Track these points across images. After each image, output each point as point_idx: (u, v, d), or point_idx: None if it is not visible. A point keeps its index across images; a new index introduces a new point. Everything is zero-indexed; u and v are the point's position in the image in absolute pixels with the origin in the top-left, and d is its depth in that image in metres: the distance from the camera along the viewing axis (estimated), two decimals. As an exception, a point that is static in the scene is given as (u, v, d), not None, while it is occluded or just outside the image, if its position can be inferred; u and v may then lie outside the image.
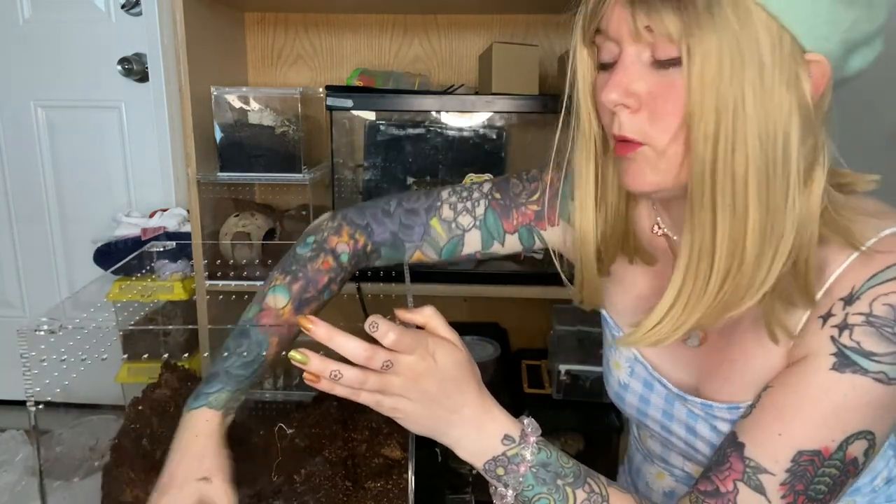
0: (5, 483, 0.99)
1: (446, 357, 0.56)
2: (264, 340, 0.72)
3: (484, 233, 0.78)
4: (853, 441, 0.54)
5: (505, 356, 1.63)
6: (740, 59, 0.49)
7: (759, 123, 0.50)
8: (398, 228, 0.79)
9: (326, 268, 0.77)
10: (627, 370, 0.72)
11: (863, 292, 0.53)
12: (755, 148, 0.51)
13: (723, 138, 0.51)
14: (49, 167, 1.96)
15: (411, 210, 0.79)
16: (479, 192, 0.79)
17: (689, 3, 0.49)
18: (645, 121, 0.55)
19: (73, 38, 1.85)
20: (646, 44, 0.53)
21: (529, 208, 0.77)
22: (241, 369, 0.71)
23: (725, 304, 0.56)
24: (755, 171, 0.51)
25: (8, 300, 2.10)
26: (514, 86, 1.42)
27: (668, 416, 0.69)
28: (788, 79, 0.50)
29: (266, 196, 1.81)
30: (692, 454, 0.68)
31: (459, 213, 0.78)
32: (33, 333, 0.65)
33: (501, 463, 0.57)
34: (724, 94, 0.50)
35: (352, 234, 0.79)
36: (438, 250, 0.79)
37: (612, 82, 0.55)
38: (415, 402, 0.55)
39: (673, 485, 0.75)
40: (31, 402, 0.66)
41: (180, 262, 1.58)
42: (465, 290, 1.51)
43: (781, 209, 0.52)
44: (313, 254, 0.77)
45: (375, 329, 0.53)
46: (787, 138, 0.51)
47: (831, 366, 0.54)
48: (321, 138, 1.63)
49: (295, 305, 0.74)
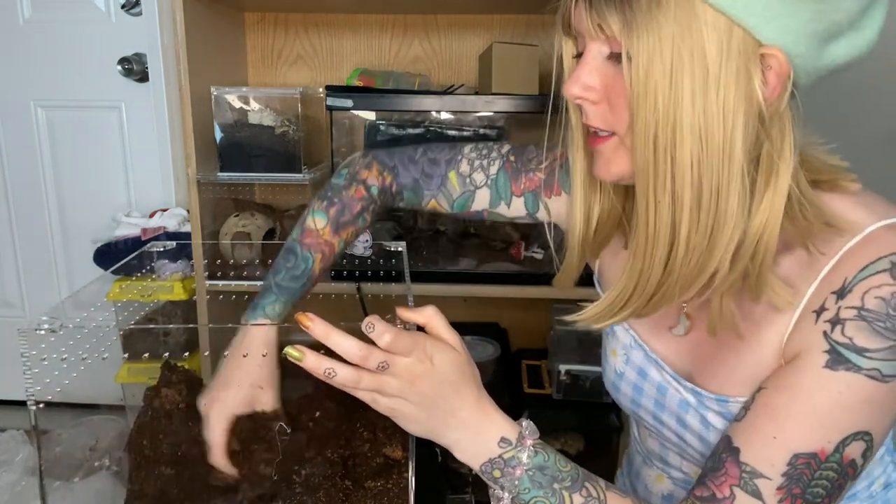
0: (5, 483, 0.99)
1: (444, 360, 0.56)
2: (309, 256, 0.80)
3: (493, 192, 0.81)
4: (850, 442, 0.53)
5: (505, 356, 1.63)
6: (680, 58, 0.50)
7: (698, 121, 0.51)
8: (420, 175, 0.83)
9: (359, 196, 0.83)
10: (623, 358, 0.73)
11: (854, 284, 0.53)
12: (692, 145, 0.51)
13: (661, 134, 0.52)
14: (49, 167, 1.96)
15: (433, 160, 0.83)
16: (497, 152, 0.82)
17: (633, 3, 0.51)
18: (607, 112, 0.57)
19: (73, 38, 1.85)
20: (604, 39, 0.54)
21: (537, 175, 0.80)
22: (291, 282, 0.78)
23: (662, 294, 0.58)
24: (692, 168, 0.52)
25: (8, 300, 2.10)
26: (514, 86, 1.42)
27: (659, 407, 0.69)
28: (737, 76, 0.50)
29: (266, 196, 1.81)
30: (684, 448, 0.68)
31: (475, 170, 0.81)
32: (34, 332, 0.65)
33: (498, 465, 0.57)
34: (663, 92, 0.51)
35: (381, 172, 0.84)
36: (451, 202, 0.83)
37: (572, 77, 0.57)
38: (412, 403, 0.56)
39: (671, 488, 0.75)
40: (32, 402, 0.66)
41: (180, 262, 1.58)
42: (465, 290, 1.51)
43: (723, 208, 0.53)
44: (346, 182, 0.83)
45: (372, 330, 0.53)
46: (731, 137, 0.51)
47: (824, 363, 0.54)
48: (321, 138, 1.63)
49: (333, 227, 0.82)
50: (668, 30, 0.50)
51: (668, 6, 0.50)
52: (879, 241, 0.54)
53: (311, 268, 0.80)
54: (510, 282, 1.50)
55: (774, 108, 0.53)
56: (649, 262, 0.56)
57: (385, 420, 0.73)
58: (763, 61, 0.52)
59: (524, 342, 1.79)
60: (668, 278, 0.57)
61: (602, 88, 0.56)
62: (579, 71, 0.57)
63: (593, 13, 0.53)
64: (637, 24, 0.51)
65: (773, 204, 0.55)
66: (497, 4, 1.61)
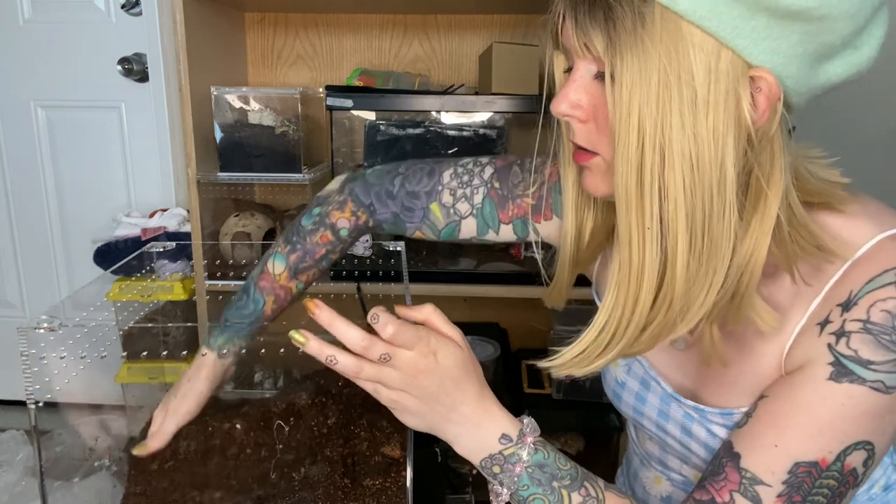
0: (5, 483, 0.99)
1: (448, 356, 0.56)
2: (260, 299, 0.83)
3: (479, 221, 0.79)
4: (851, 452, 0.53)
5: (505, 356, 1.63)
6: (666, 80, 0.49)
7: (689, 145, 0.49)
8: (400, 210, 0.82)
9: (324, 241, 0.84)
10: (624, 368, 0.72)
11: (860, 297, 0.53)
12: (684, 169, 0.50)
13: (647, 159, 0.50)
14: (49, 167, 1.96)
15: (412, 193, 0.81)
16: (479, 178, 0.79)
17: (618, 22, 0.49)
18: (593, 131, 0.56)
19: (73, 38, 1.85)
20: (591, 58, 0.53)
21: (525, 201, 0.77)
22: (239, 319, 0.82)
23: (655, 330, 0.55)
24: (685, 193, 0.50)
25: (8, 300, 2.10)
26: (514, 86, 1.42)
27: (664, 417, 0.69)
28: (727, 99, 0.49)
29: (266, 196, 1.81)
30: (688, 456, 0.68)
31: (458, 200, 0.79)
32: (33, 331, 0.66)
33: (498, 461, 0.58)
34: (649, 115, 0.49)
35: (354, 212, 0.84)
36: (437, 233, 0.82)
37: (560, 95, 0.56)
38: (413, 397, 0.56)
39: (670, 489, 0.74)
40: (31, 401, 0.66)
41: (180, 262, 1.58)
42: (465, 290, 1.51)
43: (717, 234, 0.51)
44: (314, 227, 0.84)
45: (376, 320, 0.53)
46: (722, 161, 0.49)
47: (828, 375, 0.53)
48: (321, 138, 1.63)
49: (290, 273, 0.83)
50: (654, 52, 0.48)
51: (653, 28, 0.48)
52: (884, 253, 0.53)
53: (260, 309, 0.83)
54: (510, 282, 1.50)
55: (764, 130, 0.51)
56: (635, 295, 0.54)
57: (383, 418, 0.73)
58: (752, 83, 0.50)
59: (524, 342, 1.79)
60: (661, 311, 0.54)
61: (589, 107, 0.55)
62: (567, 88, 0.56)
63: (579, 31, 0.52)
64: (621, 44, 0.49)
65: (760, 229, 0.53)
66: (497, 4, 1.61)
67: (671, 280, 0.53)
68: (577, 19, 0.52)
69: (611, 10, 0.49)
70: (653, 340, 0.57)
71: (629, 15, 0.49)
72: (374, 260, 0.90)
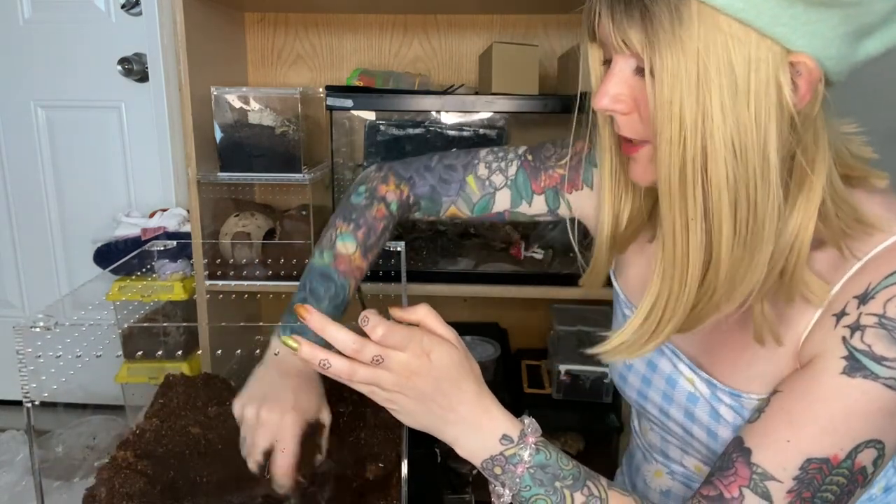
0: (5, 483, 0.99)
1: (443, 356, 0.56)
2: (346, 283, 0.78)
3: (513, 192, 0.81)
4: (862, 449, 0.53)
5: (505, 356, 1.63)
6: (706, 73, 0.49)
7: (731, 135, 0.50)
8: (437, 182, 0.83)
9: (381, 216, 0.81)
10: None
11: (878, 291, 0.53)
12: (727, 159, 0.50)
13: (690, 150, 0.51)
14: (49, 167, 1.96)
15: (450, 166, 0.83)
16: (514, 153, 0.82)
17: (655, 20, 0.50)
18: (638, 122, 0.57)
19: (73, 38, 1.84)
20: (629, 54, 0.54)
21: (557, 171, 0.80)
22: (334, 311, 0.76)
23: (700, 312, 0.57)
24: (728, 183, 0.51)
25: (8, 300, 2.10)
26: (514, 86, 1.42)
27: (667, 399, 0.69)
28: (767, 87, 0.50)
29: (266, 196, 1.81)
30: (689, 442, 0.68)
31: (493, 172, 0.82)
32: (29, 330, 0.65)
33: (499, 462, 0.57)
34: (689, 109, 0.50)
35: (398, 185, 0.84)
36: (471, 206, 0.83)
37: (600, 91, 0.57)
38: (409, 398, 0.56)
39: (670, 483, 0.75)
40: (27, 400, 0.66)
41: (180, 262, 1.58)
42: (465, 290, 1.51)
43: (761, 220, 0.52)
44: (367, 202, 0.82)
45: (366, 323, 0.53)
46: (765, 147, 0.50)
47: (841, 370, 0.53)
48: (321, 138, 1.63)
49: (362, 251, 0.80)
50: (692, 46, 0.49)
51: (690, 22, 0.49)
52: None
53: (348, 295, 0.78)
54: (510, 282, 1.50)
55: (806, 113, 0.52)
56: (680, 282, 0.56)
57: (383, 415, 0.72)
58: (792, 68, 0.51)
59: (524, 342, 1.79)
60: (707, 295, 0.56)
61: (631, 100, 0.56)
62: (607, 84, 0.56)
63: (616, 29, 0.53)
64: (659, 41, 0.50)
65: (807, 207, 0.54)
66: (497, 4, 1.61)
67: (716, 265, 0.54)
68: (614, 17, 0.52)
69: (647, 9, 0.50)
70: (697, 320, 0.58)
71: (666, 13, 0.50)
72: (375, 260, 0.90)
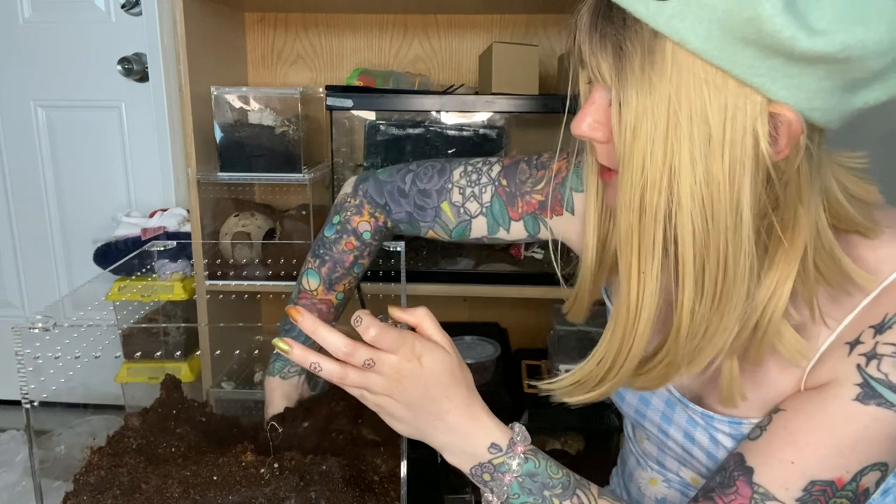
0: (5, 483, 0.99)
1: (434, 361, 0.55)
2: None
3: (490, 219, 0.79)
4: (868, 472, 0.53)
5: (505, 356, 1.63)
6: (676, 122, 0.46)
7: (700, 188, 0.47)
8: (413, 209, 0.82)
9: (350, 248, 0.84)
10: None
11: (895, 321, 0.52)
12: (694, 213, 0.48)
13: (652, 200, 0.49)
14: (49, 167, 1.96)
15: (424, 192, 0.81)
16: (487, 176, 0.79)
17: (625, 57, 0.48)
18: (613, 152, 0.54)
19: (73, 38, 1.84)
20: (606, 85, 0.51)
21: (534, 197, 0.77)
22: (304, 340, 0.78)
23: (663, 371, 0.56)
24: (695, 238, 0.48)
25: (8, 300, 2.10)
26: (514, 86, 1.42)
27: (667, 420, 0.68)
28: (744, 137, 0.46)
29: (266, 196, 1.81)
30: (688, 460, 0.68)
31: (468, 199, 0.79)
32: (27, 331, 0.65)
33: (488, 470, 0.57)
34: (655, 155, 0.47)
35: (372, 213, 0.84)
36: (449, 232, 0.82)
37: (578, 116, 0.55)
38: (398, 402, 0.55)
39: (665, 491, 0.74)
40: (26, 400, 0.66)
41: (180, 262, 1.58)
42: (465, 290, 1.51)
43: (731, 279, 0.49)
44: (337, 236, 0.84)
45: (359, 323, 0.53)
46: (738, 203, 0.47)
47: (855, 396, 0.52)
48: (321, 138, 1.63)
49: (325, 285, 0.84)
50: (664, 90, 0.46)
51: (663, 65, 0.46)
52: None
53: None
54: (510, 282, 1.50)
55: (785, 167, 0.49)
56: (630, 335, 0.54)
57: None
58: (771, 119, 0.47)
59: (524, 342, 1.79)
60: (668, 354, 0.54)
61: (608, 128, 0.53)
62: (586, 110, 0.54)
63: (592, 59, 0.50)
64: (627, 80, 0.47)
65: (785, 264, 0.52)
66: (497, 4, 1.60)
67: (677, 325, 0.52)
68: (591, 45, 0.50)
69: (620, 47, 0.48)
70: (659, 380, 0.56)
71: (638, 52, 0.47)
72: (375, 260, 0.90)
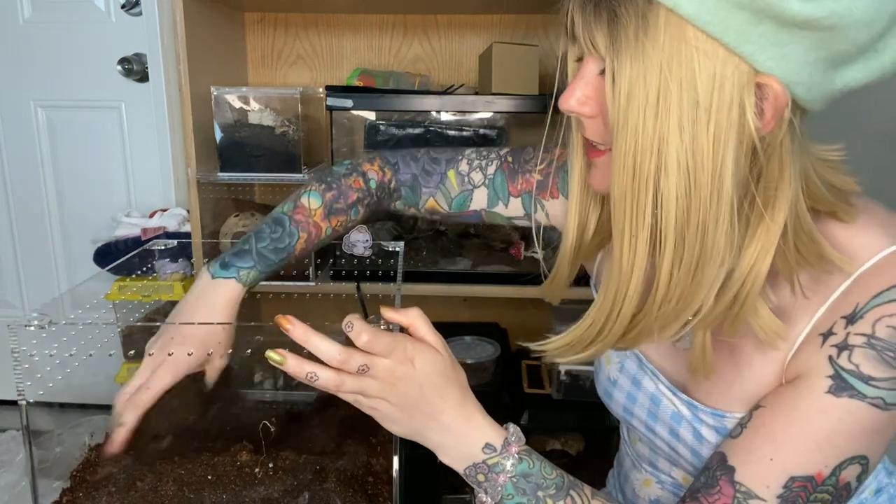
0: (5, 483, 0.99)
1: (426, 363, 0.55)
2: (295, 232, 0.78)
3: (490, 191, 0.82)
4: (847, 466, 0.53)
5: (505, 356, 1.63)
6: (667, 87, 0.47)
7: (686, 155, 0.48)
8: (420, 172, 0.84)
9: (357, 186, 0.82)
10: (617, 366, 0.72)
11: (866, 311, 0.52)
12: (678, 180, 0.49)
13: (641, 164, 0.50)
14: (49, 167, 1.96)
15: (434, 158, 0.84)
16: (496, 153, 0.83)
17: (621, 25, 0.48)
18: (602, 127, 0.55)
19: (73, 38, 1.84)
20: (597, 56, 0.53)
21: (533, 176, 0.79)
22: (272, 254, 0.76)
23: (636, 333, 0.56)
24: (677, 203, 0.49)
25: (8, 300, 2.10)
26: (514, 86, 1.42)
27: (652, 417, 0.68)
28: (730, 107, 0.48)
29: (266, 196, 1.81)
30: (676, 459, 0.68)
31: (473, 170, 0.82)
32: (23, 328, 0.65)
33: (482, 470, 0.57)
34: (646, 120, 0.49)
35: (381, 167, 0.85)
36: (450, 201, 0.83)
37: (568, 90, 0.56)
38: (392, 405, 0.55)
39: (659, 493, 0.74)
40: (22, 398, 0.66)
41: (180, 262, 1.58)
42: (465, 290, 1.51)
43: (709, 246, 0.50)
44: (347, 171, 0.83)
45: (350, 329, 0.53)
46: (720, 172, 0.48)
47: (827, 389, 0.52)
48: (321, 138, 1.63)
49: (325, 210, 0.80)
50: (656, 57, 0.47)
51: (657, 31, 0.47)
52: (893, 266, 0.52)
53: (294, 244, 0.78)
54: (510, 282, 1.50)
55: (769, 141, 0.50)
56: (621, 296, 0.54)
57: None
58: (758, 91, 0.48)
59: (524, 342, 1.78)
60: (645, 316, 0.55)
61: (597, 104, 0.55)
62: (575, 84, 0.55)
63: (585, 29, 0.51)
64: (622, 47, 0.49)
65: (766, 239, 0.53)
66: (497, 4, 1.60)
67: (656, 287, 0.53)
68: (584, 16, 0.51)
69: (615, 13, 0.49)
70: (634, 341, 0.57)
71: (633, 19, 0.48)
72: (374, 260, 0.90)
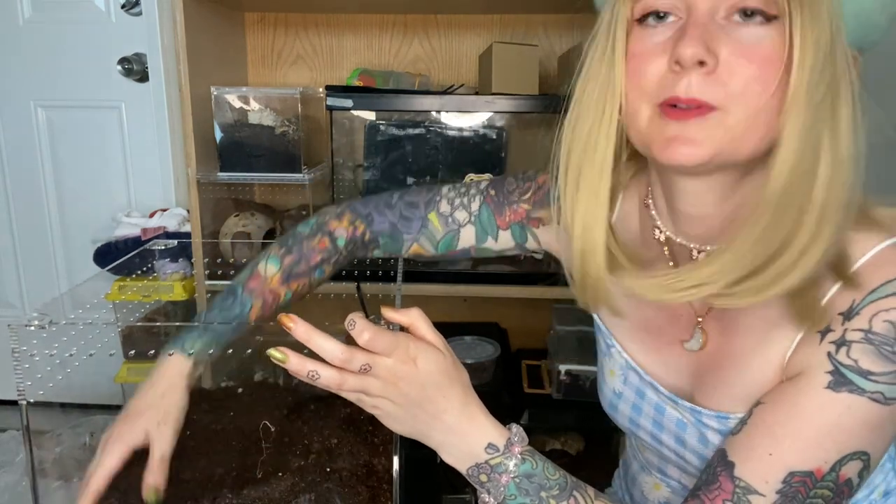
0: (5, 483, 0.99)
1: (428, 362, 0.55)
2: (248, 301, 0.78)
3: (478, 228, 0.79)
4: (847, 462, 0.52)
5: (505, 356, 1.63)
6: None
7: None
8: (397, 220, 0.81)
9: (321, 247, 0.81)
10: (621, 378, 0.71)
11: (863, 307, 0.52)
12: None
13: (825, 95, 0.49)
14: (49, 167, 1.96)
15: (411, 203, 0.81)
16: (476, 188, 0.80)
17: None
18: (717, 83, 0.50)
19: (73, 38, 1.84)
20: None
21: (521, 206, 0.78)
22: (222, 321, 0.76)
23: (765, 279, 0.51)
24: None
25: (8, 300, 2.10)
26: (514, 86, 1.42)
27: (658, 426, 0.68)
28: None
29: (266, 196, 1.81)
30: (685, 466, 0.68)
31: (456, 209, 0.80)
32: (24, 328, 0.65)
33: (484, 470, 0.57)
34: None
35: (352, 221, 0.82)
36: (435, 244, 0.81)
37: (689, 35, 0.49)
38: (395, 404, 0.55)
39: (668, 496, 0.74)
40: (22, 398, 0.66)
41: (180, 262, 1.58)
42: (465, 290, 1.51)
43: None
44: (311, 232, 0.82)
45: (352, 327, 0.52)
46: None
47: (826, 384, 0.52)
48: (321, 138, 1.63)
49: (283, 276, 0.79)
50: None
51: None
52: (889, 262, 0.52)
53: (246, 313, 0.77)
54: (510, 282, 1.50)
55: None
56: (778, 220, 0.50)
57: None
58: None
59: (524, 342, 1.79)
60: (788, 247, 0.50)
61: (725, 53, 0.50)
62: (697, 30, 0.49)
63: None
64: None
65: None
66: (497, 4, 1.61)
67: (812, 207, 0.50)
68: None
69: None
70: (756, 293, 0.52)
71: None
72: (375, 260, 0.90)
